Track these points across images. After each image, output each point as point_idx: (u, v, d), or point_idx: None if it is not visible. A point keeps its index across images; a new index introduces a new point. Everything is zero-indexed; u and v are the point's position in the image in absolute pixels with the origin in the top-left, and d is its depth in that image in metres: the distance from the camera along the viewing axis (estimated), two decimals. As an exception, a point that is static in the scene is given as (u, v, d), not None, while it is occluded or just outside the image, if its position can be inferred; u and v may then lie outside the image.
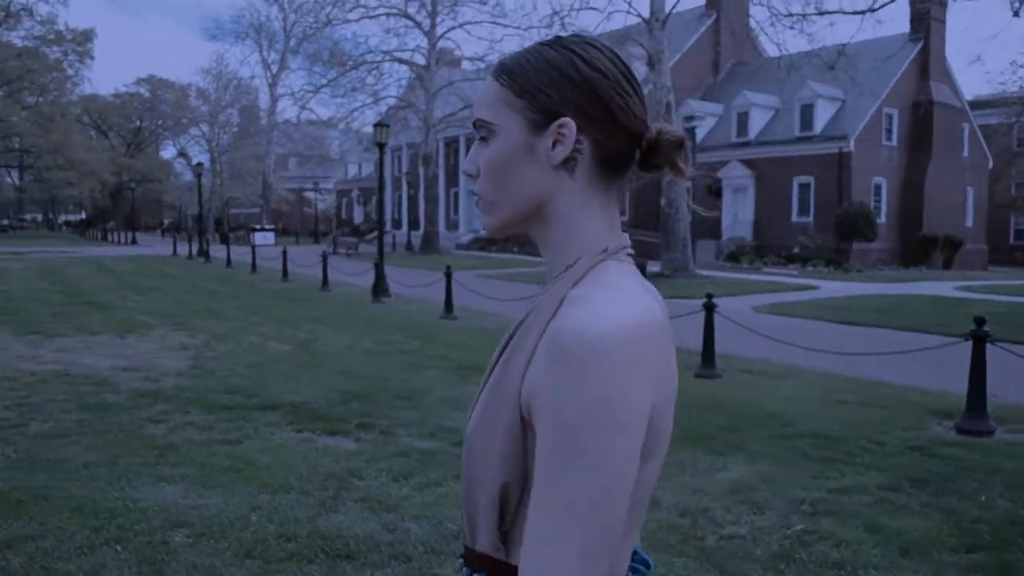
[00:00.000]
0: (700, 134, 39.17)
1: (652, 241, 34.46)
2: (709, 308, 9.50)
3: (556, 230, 1.00)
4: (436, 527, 4.15)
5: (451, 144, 46.27)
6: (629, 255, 1.01)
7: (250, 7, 62.34)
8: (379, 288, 17.65)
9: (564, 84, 0.96)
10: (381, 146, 19.41)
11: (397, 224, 48.39)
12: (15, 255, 31.05)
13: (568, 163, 0.97)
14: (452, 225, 47.52)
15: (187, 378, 7.96)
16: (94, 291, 16.83)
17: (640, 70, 34.00)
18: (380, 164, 18.70)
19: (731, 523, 4.44)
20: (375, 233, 51.29)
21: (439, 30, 34.87)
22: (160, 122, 77.28)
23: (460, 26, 34.66)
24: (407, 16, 34.52)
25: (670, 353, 0.96)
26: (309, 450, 5.53)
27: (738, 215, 36.36)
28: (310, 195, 66.86)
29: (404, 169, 49.68)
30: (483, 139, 1.01)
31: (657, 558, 3.93)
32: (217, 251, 34.49)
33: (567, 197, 0.98)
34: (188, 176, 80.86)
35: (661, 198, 25.16)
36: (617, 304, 0.88)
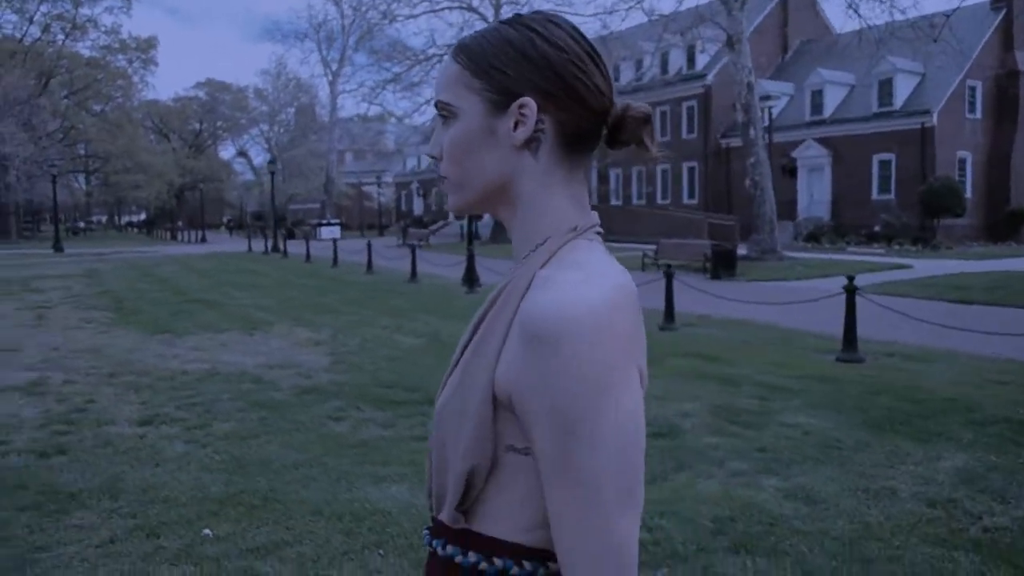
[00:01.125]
0: (772, 114, 38.41)
1: (727, 224, 33.90)
2: (851, 291, 9.18)
3: (522, 211, 0.99)
4: (688, 523, 3.98)
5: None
6: (598, 233, 1.00)
7: (308, 8, 62.97)
8: (471, 278, 17.63)
9: (523, 63, 0.95)
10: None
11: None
12: (99, 256, 31.74)
13: (531, 144, 0.96)
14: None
15: (337, 374, 7.92)
16: (196, 289, 17.01)
17: (711, 52, 33.57)
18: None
19: (987, 513, 4.20)
20: (439, 224, 51.62)
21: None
22: (219, 124, 78.69)
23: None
24: (471, 9, 34.34)
25: (640, 321, 0.93)
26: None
27: (814, 195, 35.58)
28: (368, 189, 67.26)
29: None
30: (445, 121, 1.00)
31: (933, 552, 3.71)
32: (291, 246, 34.81)
33: (531, 178, 0.97)
34: (247, 175, 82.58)
35: (745, 180, 24.63)
36: (588, 283, 0.87)
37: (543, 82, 0.94)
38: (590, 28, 35.04)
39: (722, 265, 20.47)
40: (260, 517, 4.09)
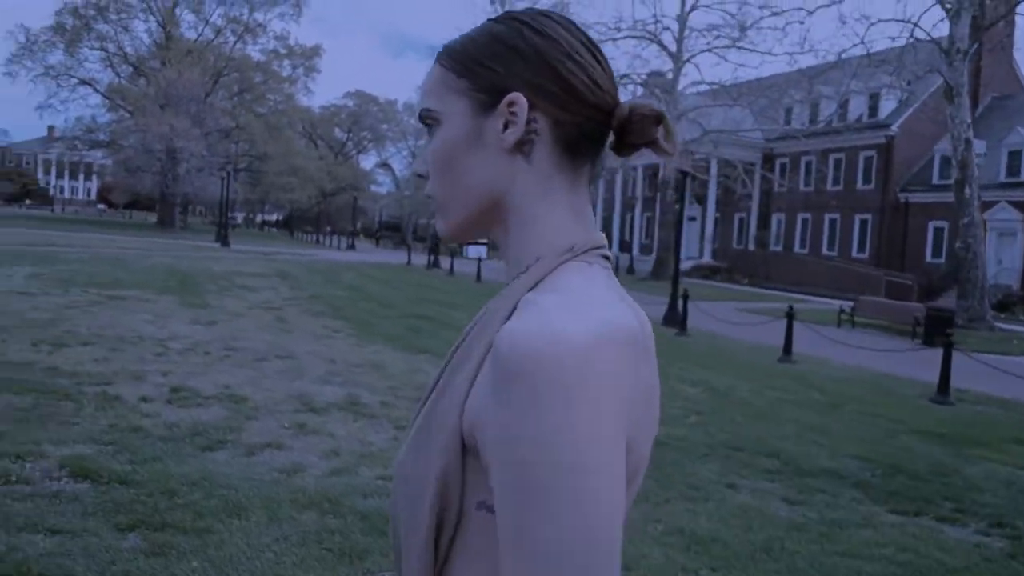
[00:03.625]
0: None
1: (906, 283, 32.03)
2: None
3: (515, 227, 0.86)
4: None
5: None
6: (604, 256, 0.86)
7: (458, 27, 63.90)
8: (676, 319, 16.84)
9: (510, 56, 0.84)
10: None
11: (624, 247, 47.59)
12: (265, 255, 32.49)
13: (523, 146, 0.84)
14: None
15: (687, 428, 7.20)
16: (403, 302, 16.78)
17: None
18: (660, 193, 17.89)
19: None
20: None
21: (685, 54, 33.94)
22: (363, 134, 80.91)
23: (709, 50, 33.53)
24: (657, 41, 33.75)
25: (648, 371, 0.79)
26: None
27: (1003, 261, 33.21)
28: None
29: (640, 192, 48.74)
30: (430, 131, 0.88)
31: None
32: (445, 262, 34.90)
33: (525, 187, 0.84)
34: (387, 185, 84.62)
35: (956, 242, 23.01)
36: (572, 312, 0.73)
37: (534, 76, 0.83)
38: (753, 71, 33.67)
39: (937, 331, 18.99)
40: None
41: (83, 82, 53.92)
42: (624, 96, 0.86)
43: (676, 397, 8.87)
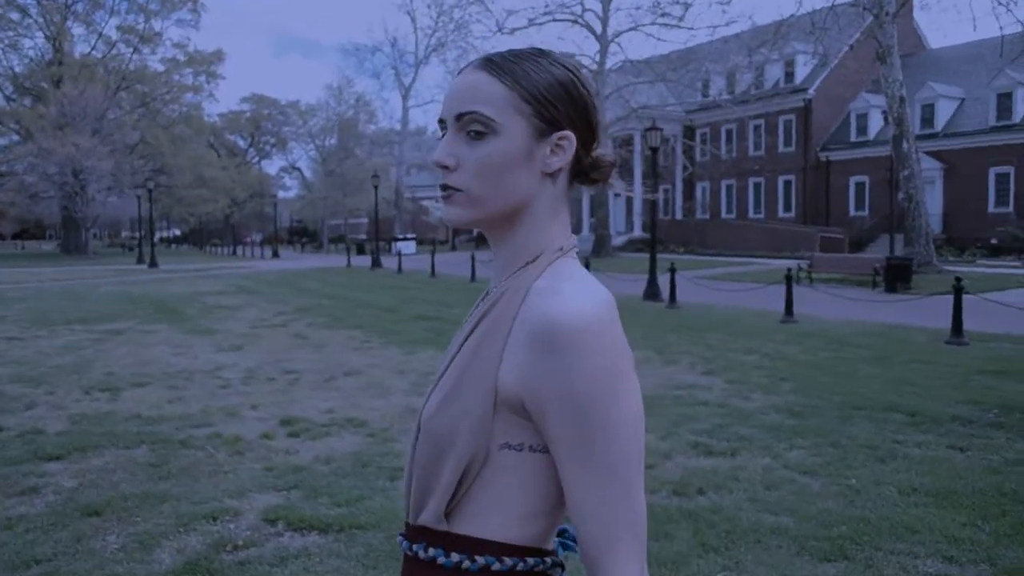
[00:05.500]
0: (873, 129, 37.83)
1: (837, 237, 33.27)
2: None
3: (524, 229, 1.07)
4: None
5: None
6: (577, 252, 1.12)
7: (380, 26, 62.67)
8: (655, 294, 17.25)
9: (567, 100, 1.05)
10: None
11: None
12: (199, 272, 31.31)
13: (556, 172, 1.06)
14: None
15: (796, 395, 7.27)
16: (399, 305, 16.33)
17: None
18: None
19: None
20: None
21: (610, 33, 34.17)
22: (266, 138, 78.68)
23: (634, 28, 33.83)
24: (583, 23, 33.85)
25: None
26: None
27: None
28: (426, 203, 66.81)
29: None
30: (476, 133, 1.03)
31: None
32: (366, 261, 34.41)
33: (544, 202, 1.06)
34: (294, 189, 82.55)
35: (898, 193, 24.00)
36: (587, 292, 0.99)
37: (579, 121, 1.06)
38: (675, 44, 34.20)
39: (898, 279, 19.80)
40: None
41: (-36, 107, 50.69)
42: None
43: (743, 366, 9.00)
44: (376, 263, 34.10)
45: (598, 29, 33.95)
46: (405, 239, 48.07)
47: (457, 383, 1.03)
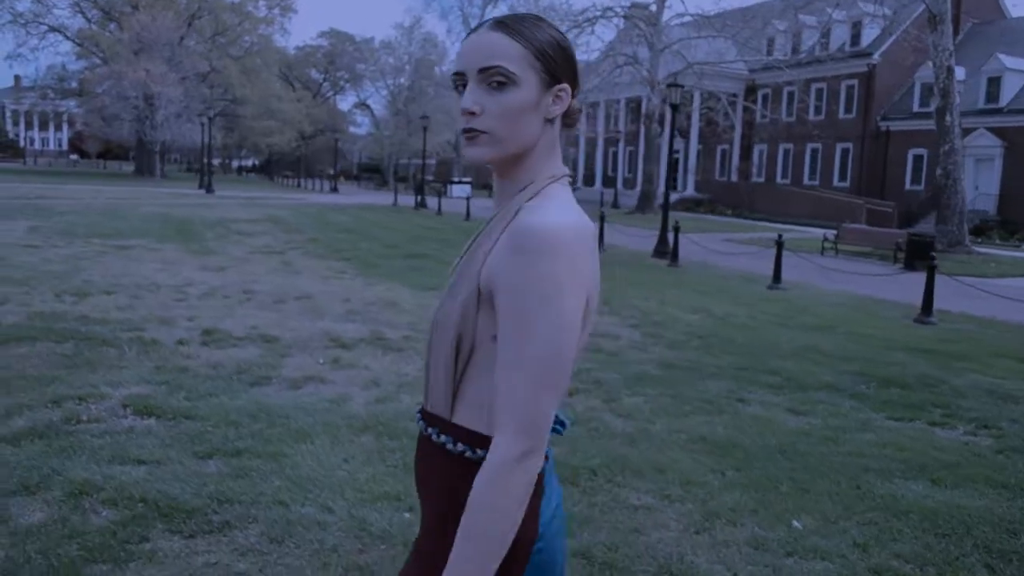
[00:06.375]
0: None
1: (886, 210, 32.50)
2: None
3: (527, 164, 1.28)
4: None
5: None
6: (570, 181, 1.34)
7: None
8: (665, 251, 17.26)
9: (564, 56, 1.28)
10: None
11: (608, 182, 47.64)
12: (251, 200, 32.46)
13: (555, 118, 1.29)
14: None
15: (694, 351, 7.65)
16: (403, 243, 17.01)
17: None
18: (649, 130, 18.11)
19: None
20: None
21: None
22: (340, 73, 79.53)
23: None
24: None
25: (595, 257, 1.24)
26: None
27: (979, 187, 33.72)
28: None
29: (623, 126, 48.24)
30: (498, 84, 1.22)
31: None
32: (430, 202, 34.97)
33: (544, 141, 1.29)
34: (366, 126, 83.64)
35: (937, 168, 23.42)
36: (562, 211, 1.19)
37: (571, 74, 1.29)
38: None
39: (917, 256, 19.52)
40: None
41: (53, 29, 52.79)
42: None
43: (678, 323, 9.31)
44: (421, 204, 34.69)
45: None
46: (460, 182, 48.59)
47: (456, 281, 1.25)
